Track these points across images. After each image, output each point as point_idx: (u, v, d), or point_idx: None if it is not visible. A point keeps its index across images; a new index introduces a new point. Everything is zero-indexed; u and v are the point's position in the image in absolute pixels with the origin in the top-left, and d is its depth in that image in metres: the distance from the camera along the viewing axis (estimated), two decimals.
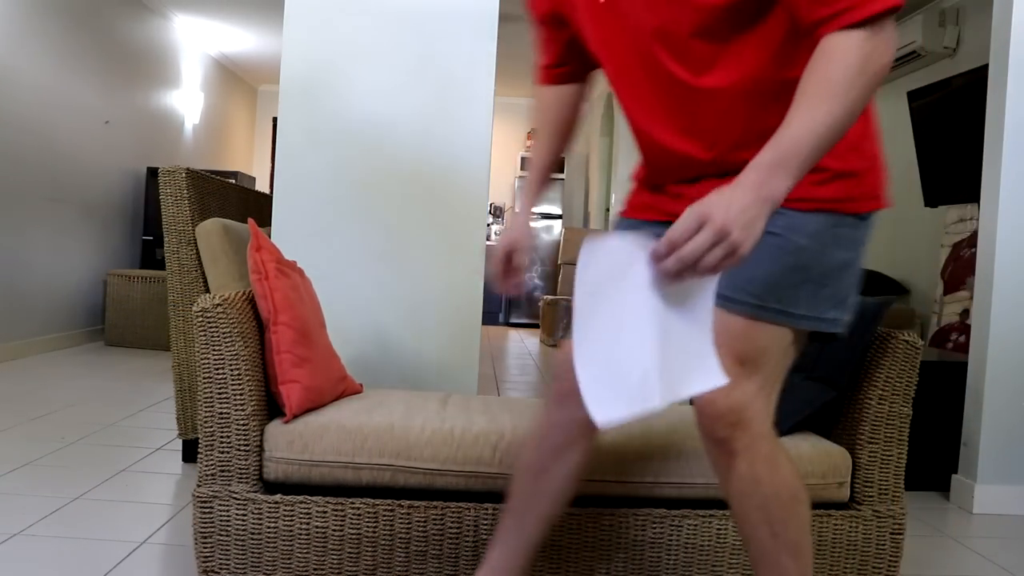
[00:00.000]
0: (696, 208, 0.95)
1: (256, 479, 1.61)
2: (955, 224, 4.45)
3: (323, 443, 1.61)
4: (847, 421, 1.76)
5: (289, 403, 1.62)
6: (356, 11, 2.47)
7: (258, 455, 1.61)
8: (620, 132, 6.77)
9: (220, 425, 1.58)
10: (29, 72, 4.60)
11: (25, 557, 1.80)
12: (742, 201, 0.94)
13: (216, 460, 1.58)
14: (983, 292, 2.66)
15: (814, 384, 1.77)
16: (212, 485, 1.59)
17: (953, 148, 4.50)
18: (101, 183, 5.51)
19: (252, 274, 1.65)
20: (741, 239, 0.93)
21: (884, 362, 1.69)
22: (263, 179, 8.53)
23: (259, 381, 1.62)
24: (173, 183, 2.51)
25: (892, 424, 1.70)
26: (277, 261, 1.69)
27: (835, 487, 1.69)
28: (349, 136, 2.50)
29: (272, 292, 1.64)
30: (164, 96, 6.45)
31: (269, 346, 1.63)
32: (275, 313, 1.63)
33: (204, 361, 1.57)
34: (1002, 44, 2.63)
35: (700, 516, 1.66)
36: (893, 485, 1.71)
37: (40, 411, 3.25)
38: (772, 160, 0.97)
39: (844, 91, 0.98)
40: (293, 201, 2.50)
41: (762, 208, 0.95)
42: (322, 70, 2.46)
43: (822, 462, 1.68)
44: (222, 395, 1.58)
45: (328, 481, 1.62)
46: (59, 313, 5.06)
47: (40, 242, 4.81)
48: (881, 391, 1.69)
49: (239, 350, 1.57)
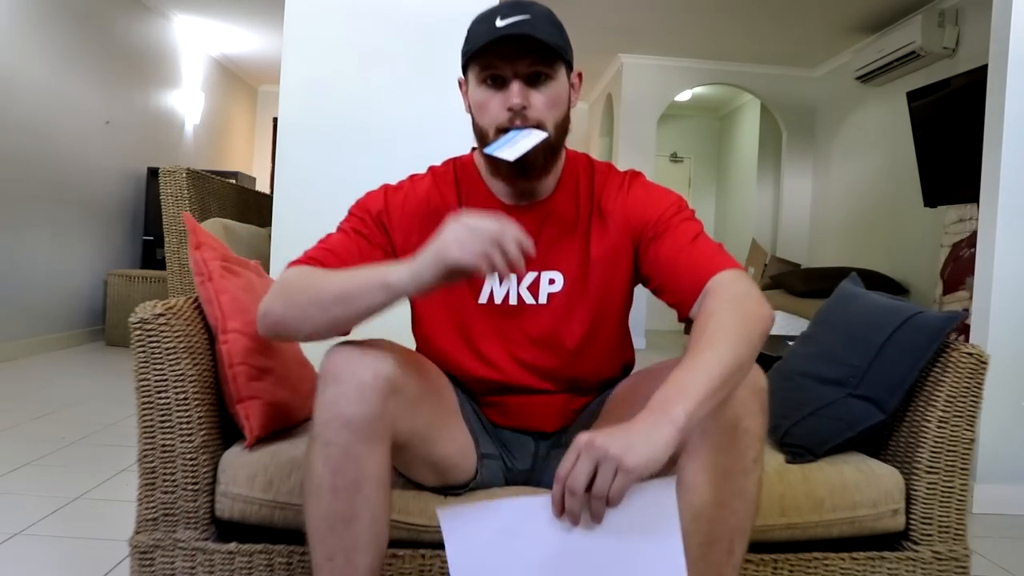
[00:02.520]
0: (574, 442, 0.95)
1: (207, 522, 1.36)
2: (954, 224, 4.45)
3: (292, 481, 1.33)
4: (899, 446, 1.54)
5: (249, 424, 1.37)
6: (357, 12, 2.47)
7: (209, 493, 1.36)
8: (620, 132, 6.78)
9: (163, 460, 1.33)
10: (30, 73, 4.60)
11: (25, 557, 1.81)
12: (620, 428, 0.95)
13: (158, 502, 1.34)
14: (982, 292, 2.66)
15: (857, 403, 1.54)
16: (153, 532, 1.34)
17: (952, 148, 4.50)
18: (102, 183, 5.51)
19: (195, 277, 1.43)
20: (621, 451, 0.91)
21: (946, 379, 1.46)
22: (263, 179, 8.53)
23: (211, 405, 1.38)
24: (174, 183, 2.51)
25: (954, 451, 1.46)
26: (222, 259, 1.47)
27: (889, 516, 1.47)
28: (349, 136, 2.50)
29: (218, 295, 1.40)
30: (164, 96, 6.45)
31: (220, 359, 1.38)
32: (223, 320, 1.39)
33: (143, 383, 1.33)
34: (1001, 44, 2.63)
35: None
36: (956, 521, 1.47)
37: (40, 411, 3.25)
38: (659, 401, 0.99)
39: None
40: (293, 201, 2.50)
41: (638, 429, 0.94)
42: (322, 70, 2.47)
43: (872, 487, 1.45)
44: (165, 423, 1.33)
45: (294, 525, 1.33)
46: (60, 313, 5.06)
47: (40, 242, 4.81)
48: (942, 413, 1.46)
49: (185, 368, 1.32)
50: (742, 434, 1.09)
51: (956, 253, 4.36)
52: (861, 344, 1.57)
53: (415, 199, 1.33)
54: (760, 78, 6.83)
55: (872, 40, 5.56)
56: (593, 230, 1.33)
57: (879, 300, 1.65)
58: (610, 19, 5.66)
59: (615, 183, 1.35)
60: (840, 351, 1.61)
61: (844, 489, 1.44)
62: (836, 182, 6.49)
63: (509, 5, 1.21)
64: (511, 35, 1.18)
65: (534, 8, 1.23)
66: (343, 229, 1.31)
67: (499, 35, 1.19)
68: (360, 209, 1.33)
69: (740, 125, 8.22)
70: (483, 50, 1.21)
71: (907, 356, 1.49)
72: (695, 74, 6.80)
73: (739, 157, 8.19)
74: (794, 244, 6.99)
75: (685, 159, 8.92)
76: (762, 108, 7.40)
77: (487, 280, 1.23)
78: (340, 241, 1.28)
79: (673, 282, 1.24)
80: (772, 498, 1.41)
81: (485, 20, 1.23)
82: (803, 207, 7.00)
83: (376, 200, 1.34)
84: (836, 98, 6.48)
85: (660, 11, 5.51)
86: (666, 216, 1.29)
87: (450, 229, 1.04)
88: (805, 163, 6.97)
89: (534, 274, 1.32)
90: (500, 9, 1.21)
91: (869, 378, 1.53)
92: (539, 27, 1.20)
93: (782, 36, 5.93)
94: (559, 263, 1.33)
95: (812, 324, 1.78)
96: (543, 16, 1.22)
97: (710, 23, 5.72)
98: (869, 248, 5.82)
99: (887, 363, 1.51)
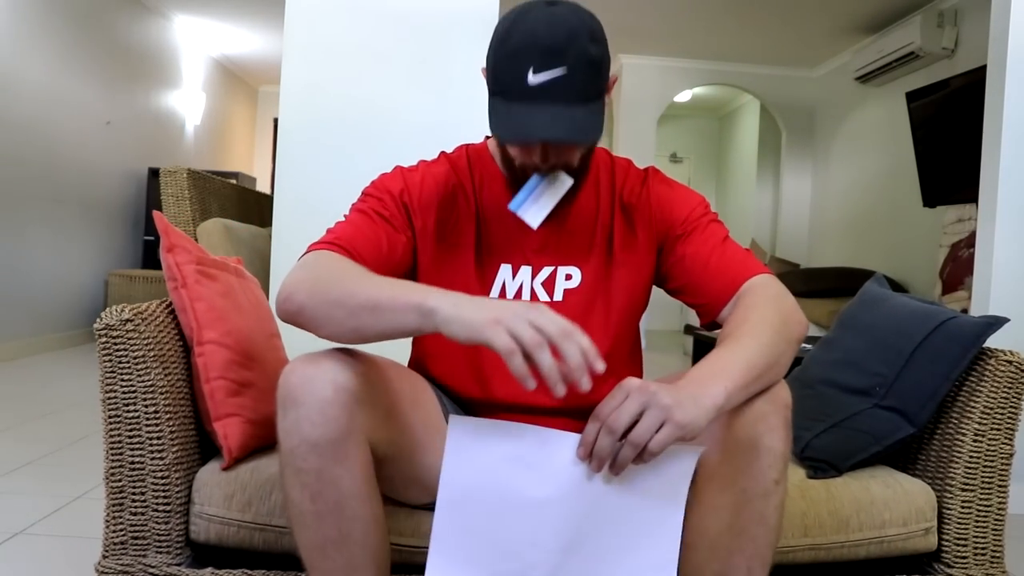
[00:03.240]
0: (621, 384, 0.93)
1: (180, 546, 1.25)
2: (953, 224, 4.46)
3: (272, 500, 1.24)
4: (931, 461, 1.43)
5: (227, 443, 1.27)
6: (357, 12, 2.47)
7: (183, 514, 1.26)
8: (619, 132, 6.78)
9: (132, 479, 1.23)
10: (31, 73, 4.61)
11: (25, 557, 1.81)
12: (666, 386, 0.93)
13: (127, 524, 1.23)
14: (981, 292, 2.66)
15: (885, 414, 1.44)
16: (122, 557, 1.23)
17: (952, 149, 4.51)
18: (103, 184, 5.52)
19: (168, 282, 1.31)
20: (672, 403, 0.89)
21: (982, 389, 1.36)
22: (264, 179, 8.53)
23: (185, 418, 1.28)
24: (174, 183, 2.52)
25: (992, 466, 1.35)
26: (197, 262, 1.33)
27: (920, 535, 1.36)
28: (350, 136, 2.50)
29: (192, 303, 1.28)
30: (165, 97, 6.46)
31: (196, 373, 1.28)
32: (198, 330, 1.28)
33: (110, 395, 1.22)
34: (1000, 45, 2.63)
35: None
36: (993, 542, 1.37)
37: (40, 411, 3.25)
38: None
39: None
40: (294, 202, 2.50)
41: (685, 391, 0.92)
42: (323, 71, 2.47)
43: (901, 505, 1.35)
44: (134, 439, 1.22)
45: (276, 548, 1.24)
46: (60, 313, 5.06)
47: (41, 242, 4.82)
48: (978, 425, 1.35)
49: (156, 379, 1.22)
50: (764, 453, 1.00)
51: (955, 253, 4.37)
52: (888, 351, 1.46)
53: (433, 181, 1.25)
54: (760, 78, 6.84)
55: (871, 40, 5.57)
56: (616, 225, 1.26)
57: (908, 303, 1.54)
58: (610, 19, 5.66)
59: (636, 178, 1.29)
60: (866, 358, 1.50)
61: (872, 506, 1.34)
62: (835, 182, 6.49)
63: (543, 53, 1.05)
64: (543, 104, 1.05)
65: (573, 50, 1.05)
66: (364, 211, 1.20)
67: (530, 98, 1.05)
68: (379, 190, 1.24)
69: (740, 125, 8.23)
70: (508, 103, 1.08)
71: (940, 366, 1.38)
72: (695, 74, 6.81)
73: (739, 157, 8.20)
74: (793, 244, 7.00)
75: (685, 159, 8.92)
76: (762, 108, 7.40)
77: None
78: (366, 224, 1.18)
79: (703, 284, 1.20)
80: (794, 516, 1.31)
81: (515, 59, 1.06)
82: (802, 207, 7.01)
83: (395, 181, 1.25)
84: (835, 98, 6.48)
85: (660, 11, 5.52)
86: (694, 216, 1.24)
87: (511, 311, 0.89)
88: (804, 163, 6.98)
89: (550, 268, 1.24)
90: (533, 56, 1.05)
91: (897, 388, 1.43)
92: (576, 84, 1.05)
93: (782, 36, 5.94)
94: (577, 258, 1.25)
95: (834, 328, 1.67)
96: (582, 62, 1.05)
97: (710, 23, 5.72)
98: (868, 248, 5.82)
99: (917, 372, 1.41)
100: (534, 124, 1.05)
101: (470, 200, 1.26)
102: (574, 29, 1.05)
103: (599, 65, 1.08)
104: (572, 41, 1.05)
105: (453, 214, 1.25)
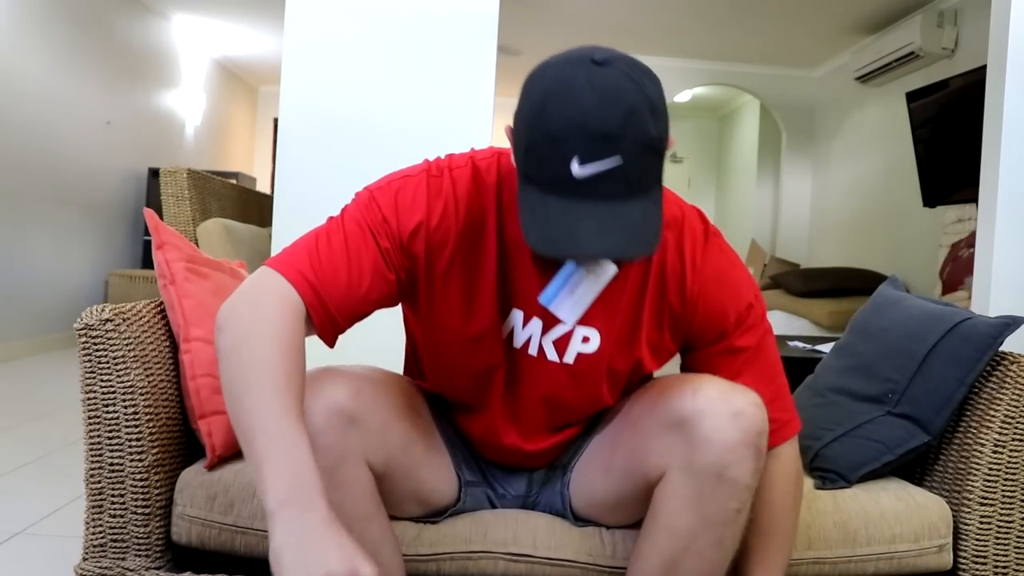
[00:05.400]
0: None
1: (160, 549, 1.24)
2: (953, 224, 4.46)
3: (255, 503, 1.22)
4: (947, 473, 1.36)
5: (211, 441, 1.26)
6: (357, 12, 2.47)
7: (163, 517, 1.24)
8: None
9: (111, 480, 1.20)
10: (31, 74, 4.61)
11: (25, 557, 1.81)
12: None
13: (106, 527, 1.22)
14: (981, 292, 2.66)
15: (897, 422, 1.37)
16: (101, 560, 1.22)
17: (951, 149, 4.51)
18: (103, 184, 5.52)
19: (158, 280, 1.32)
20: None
21: (1003, 396, 1.28)
22: (264, 180, 8.53)
23: (169, 419, 1.26)
24: (175, 183, 2.52)
25: (1013, 479, 1.27)
26: (187, 260, 1.34)
27: (933, 552, 1.29)
28: (350, 137, 2.50)
29: (180, 300, 1.28)
30: (165, 97, 6.46)
31: (183, 370, 1.28)
32: (185, 327, 1.27)
33: (89, 395, 1.20)
34: (1000, 45, 2.63)
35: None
36: (1015, 561, 1.29)
37: (40, 411, 3.26)
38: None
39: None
40: (294, 202, 2.51)
41: None
42: (323, 71, 2.47)
43: (913, 519, 1.28)
44: (113, 440, 1.20)
45: (257, 553, 1.21)
46: (61, 313, 5.06)
47: (42, 242, 4.82)
48: (998, 435, 1.27)
49: (135, 380, 1.20)
50: (727, 483, 0.98)
51: (955, 253, 4.37)
52: (901, 355, 1.40)
53: (452, 211, 1.04)
54: (760, 78, 6.84)
55: (871, 40, 5.57)
56: (649, 291, 1.08)
57: (921, 305, 1.46)
58: (610, 19, 5.66)
59: (690, 262, 1.08)
60: (878, 364, 1.43)
61: (881, 520, 1.28)
62: (835, 182, 6.49)
63: (592, 139, 0.84)
64: (590, 203, 0.87)
65: (630, 134, 0.84)
66: (360, 229, 1.02)
67: (573, 192, 0.86)
68: (389, 210, 1.03)
69: (740, 125, 8.23)
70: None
71: (954, 370, 1.31)
72: (695, 74, 6.81)
73: (739, 157, 8.20)
74: (793, 244, 7.00)
75: (685, 159, 8.92)
76: (761, 108, 7.40)
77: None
78: (353, 248, 1.01)
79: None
80: (799, 528, 1.24)
81: (555, 144, 0.85)
82: (802, 207, 7.01)
83: (415, 211, 1.03)
84: (835, 98, 6.48)
85: (660, 11, 5.52)
86: (739, 320, 1.09)
87: (292, 543, 0.77)
88: (804, 163, 6.98)
89: (566, 327, 1.08)
90: (578, 143, 0.84)
91: (910, 394, 1.36)
92: (632, 175, 0.86)
93: (782, 36, 5.94)
94: (598, 319, 1.07)
95: (847, 333, 1.60)
96: (640, 146, 0.85)
97: (710, 23, 5.72)
98: (868, 248, 5.82)
99: (931, 377, 1.34)
100: (581, 235, 0.85)
101: (493, 231, 1.06)
102: (632, 106, 0.84)
103: (660, 146, 0.88)
104: (629, 121, 0.84)
105: (473, 249, 1.07)
